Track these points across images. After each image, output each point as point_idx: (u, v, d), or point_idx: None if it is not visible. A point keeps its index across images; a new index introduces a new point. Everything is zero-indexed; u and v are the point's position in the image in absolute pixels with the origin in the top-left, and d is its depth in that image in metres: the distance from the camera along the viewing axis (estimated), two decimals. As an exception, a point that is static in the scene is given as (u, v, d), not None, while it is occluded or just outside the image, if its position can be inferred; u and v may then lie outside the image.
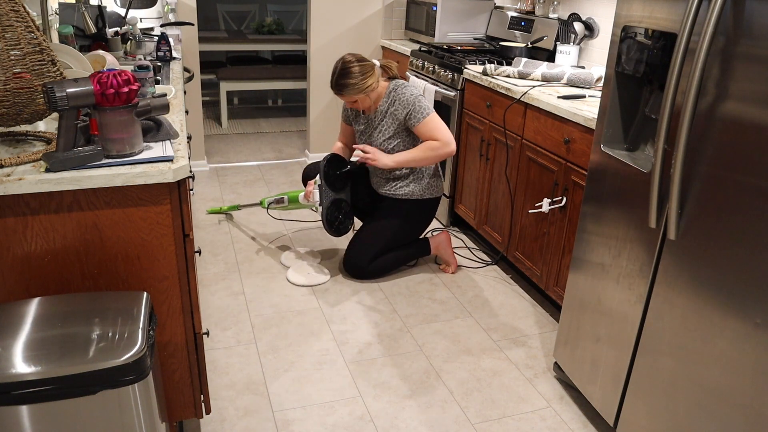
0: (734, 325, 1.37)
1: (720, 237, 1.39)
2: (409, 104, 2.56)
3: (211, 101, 6.10)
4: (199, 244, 3.10)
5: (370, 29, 4.20)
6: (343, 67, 2.52)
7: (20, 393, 1.12)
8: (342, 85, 2.54)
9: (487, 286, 2.82)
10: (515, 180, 2.72)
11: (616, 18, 1.74)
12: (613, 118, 1.81)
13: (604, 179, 1.81)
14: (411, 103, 2.56)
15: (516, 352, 2.33)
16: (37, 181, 1.29)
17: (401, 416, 1.98)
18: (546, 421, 1.99)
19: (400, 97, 2.58)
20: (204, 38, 5.33)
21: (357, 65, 2.52)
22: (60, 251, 1.40)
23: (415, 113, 2.56)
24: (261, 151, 4.65)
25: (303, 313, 2.53)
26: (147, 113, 1.45)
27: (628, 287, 1.72)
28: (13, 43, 1.35)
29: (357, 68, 2.51)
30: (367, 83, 2.53)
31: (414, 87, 2.63)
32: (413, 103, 2.55)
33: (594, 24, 2.98)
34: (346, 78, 2.52)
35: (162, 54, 2.78)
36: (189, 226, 1.49)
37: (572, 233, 2.33)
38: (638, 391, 1.71)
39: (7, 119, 1.41)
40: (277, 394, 2.05)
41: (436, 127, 2.56)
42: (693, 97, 1.39)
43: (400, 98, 2.58)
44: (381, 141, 2.66)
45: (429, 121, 2.55)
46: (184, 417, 1.72)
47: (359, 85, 2.53)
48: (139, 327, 1.24)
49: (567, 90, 2.58)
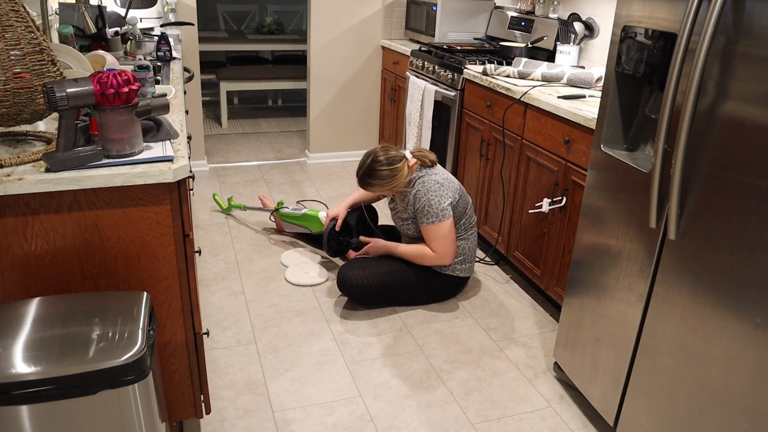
0: (734, 325, 1.37)
1: (720, 237, 1.39)
2: (420, 203, 2.44)
3: (211, 101, 6.10)
4: (199, 244, 3.10)
5: (370, 29, 4.20)
6: (371, 167, 2.43)
7: (20, 393, 1.12)
8: (367, 183, 2.47)
9: (486, 286, 2.82)
10: (515, 180, 2.72)
11: (616, 18, 1.74)
12: (613, 118, 1.81)
13: (604, 179, 1.81)
14: (423, 204, 2.43)
15: (516, 352, 2.33)
16: (37, 181, 1.29)
17: (401, 416, 1.98)
18: (546, 421, 1.99)
19: (419, 190, 2.45)
20: (204, 38, 5.33)
21: (386, 169, 2.41)
22: (60, 251, 1.40)
23: (422, 215, 2.44)
24: (261, 151, 4.65)
25: (303, 313, 2.53)
26: (147, 113, 1.44)
27: (628, 287, 1.72)
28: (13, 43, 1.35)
29: (386, 172, 2.41)
30: (393, 184, 2.45)
31: (435, 182, 2.44)
32: (425, 205, 2.42)
33: (594, 24, 2.98)
34: (372, 178, 2.44)
35: (162, 54, 2.78)
36: (189, 226, 1.49)
37: (572, 233, 2.33)
38: (638, 391, 1.71)
39: (7, 119, 1.41)
40: (277, 394, 2.05)
41: (436, 237, 2.44)
42: (693, 97, 1.39)
43: (418, 193, 2.46)
44: (403, 218, 2.60)
45: (432, 229, 2.43)
46: (184, 417, 1.72)
47: (385, 186, 2.45)
48: (139, 327, 1.24)
49: (567, 90, 2.58)
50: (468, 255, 2.60)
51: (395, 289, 2.53)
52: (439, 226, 2.43)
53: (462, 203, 2.53)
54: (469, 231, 2.58)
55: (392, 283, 2.52)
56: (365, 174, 2.45)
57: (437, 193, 2.43)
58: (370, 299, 2.55)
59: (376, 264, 2.55)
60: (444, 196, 2.44)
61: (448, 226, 2.44)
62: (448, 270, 2.57)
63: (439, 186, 2.44)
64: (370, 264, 2.54)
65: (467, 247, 2.58)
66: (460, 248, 2.56)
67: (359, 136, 4.49)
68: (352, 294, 2.52)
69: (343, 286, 2.51)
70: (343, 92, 4.31)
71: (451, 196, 2.46)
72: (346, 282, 2.50)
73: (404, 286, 2.54)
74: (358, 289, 2.49)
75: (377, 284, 2.50)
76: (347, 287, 2.50)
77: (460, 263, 2.59)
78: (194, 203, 3.59)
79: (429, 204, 2.42)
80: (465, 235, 2.57)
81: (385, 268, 2.53)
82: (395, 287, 2.53)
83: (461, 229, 2.55)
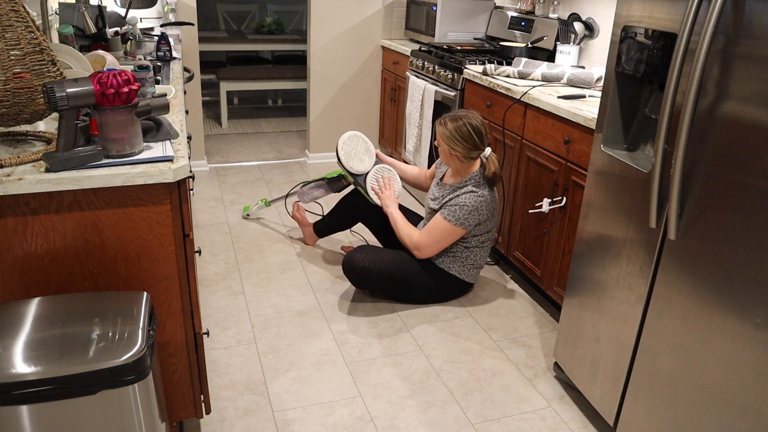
0: (734, 325, 1.37)
1: (720, 237, 1.39)
2: (463, 201, 2.43)
3: (211, 101, 6.10)
4: (199, 244, 3.10)
5: (370, 29, 4.20)
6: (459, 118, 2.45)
7: (20, 393, 1.12)
8: (442, 122, 2.48)
9: (487, 286, 2.82)
10: (515, 180, 2.72)
11: (616, 18, 1.74)
12: (613, 118, 1.81)
13: (604, 179, 1.81)
14: (464, 203, 2.43)
15: (516, 352, 2.33)
16: (37, 181, 1.29)
17: (401, 416, 1.98)
18: (546, 421, 1.99)
19: (464, 193, 2.45)
20: (204, 38, 5.33)
21: (470, 132, 2.41)
22: (60, 251, 1.40)
23: (448, 206, 2.46)
24: (261, 151, 4.65)
25: (303, 313, 2.53)
26: (147, 113, 1.44)
27: (628, 287, 1.72)
28: (13, 43, 1.35)
29: (465, 131, 2.41)
30: (452, 144, 2.44)
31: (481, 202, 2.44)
32: (465, 205, 2.42)
33: (594, 24, 2.98)
34: (450, 122, 2.45)
35: (162, 54, 2.78)
36: (189, 226, 1.49)
37: (572, 233, 2.33)
38: (638, 391, 1.71)
39: (7, 119, 1.41)
40: (277, 394, 2.05)
41: (435, 232, 2.45)
42: (693, 97, 1.39)
43: (462, 193, 2.46)
44: (431, 194, 2.64)
45: (441, 224, 2.44)
46: (184, 417, 1.72)
47: (444, 137, 2.46)
48: (139, 327, 1.24)
49: (567, 90, 2.58)
50: (479, 263, 2.62)
51: (398, 280, 2.53)
52: (449, 227, 2.44)
53: (491, 223, 2.54)
54: (487, 243, 2.59)
55: (396, 273, 2.52)
56: (451, 118, 2.45)
57: (475, 208, 2.43)
58: (372, 285, 2.54)
59: (383, 251, 2.56)
60: (478, 213, 2.44)
61: (454, 233, 2.45)
62: (455, 271, 2.57)
63: (481, 202, 2.44)
64: (377, 250, 2.57)
65: (480, 256, 2.59)
66: (473, 256, 2.57)
67: (359, 136, 4.49)
68: (356, 276, 2.52)
69: (348, 268, 2.52)
70: (343, 92, 4.31)
71: (481, 219, 2.46)
72: (352, 263, 2.50)
73: (408, 279, 2.54)
74: (362, 272, 2.49)
75: (381, 270, 2.50)
76: (352, 269, 2.51)
77: (470, 269, 2.60)
78: (194, 203, 3.59)
79: (461, 207, 2.43)
80: (483, 245, 2.58)
81: (391, 257, 2.54)
82: (399, 278, 2.53)
83: (480, 241, 2.55)
